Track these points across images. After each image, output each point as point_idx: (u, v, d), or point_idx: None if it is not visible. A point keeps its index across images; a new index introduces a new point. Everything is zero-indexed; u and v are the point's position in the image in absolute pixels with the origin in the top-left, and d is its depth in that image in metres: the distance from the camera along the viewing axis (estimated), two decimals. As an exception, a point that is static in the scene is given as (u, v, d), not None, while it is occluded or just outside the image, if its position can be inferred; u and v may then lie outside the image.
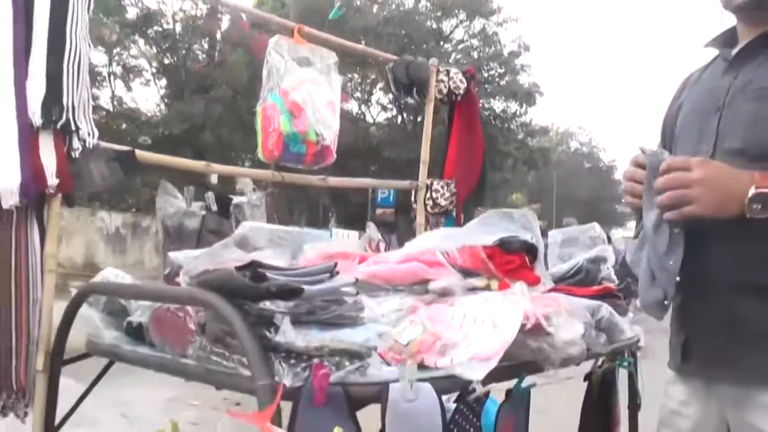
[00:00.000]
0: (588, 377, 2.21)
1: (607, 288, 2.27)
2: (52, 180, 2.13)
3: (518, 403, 1.72)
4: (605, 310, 2.00)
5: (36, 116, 2.11)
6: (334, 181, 3.22)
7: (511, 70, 21.98)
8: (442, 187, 3.68)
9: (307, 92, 2.93)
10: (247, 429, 1.40)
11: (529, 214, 2.11)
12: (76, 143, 2.21)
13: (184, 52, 19.04)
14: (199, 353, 1.53)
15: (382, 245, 3.06)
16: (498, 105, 22.84)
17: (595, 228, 2.68)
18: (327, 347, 1.34)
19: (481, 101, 22.72)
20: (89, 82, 2.30)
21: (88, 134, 2.27)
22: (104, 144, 2.34)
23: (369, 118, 24.88)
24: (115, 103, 17.85)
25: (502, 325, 1.55)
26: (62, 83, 2.17)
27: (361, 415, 1.33)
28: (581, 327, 1.73)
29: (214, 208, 2.83)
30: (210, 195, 2.86)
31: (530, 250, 2.06)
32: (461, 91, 3.69)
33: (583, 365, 2.08)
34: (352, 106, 23.05)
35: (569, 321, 1.73)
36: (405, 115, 22.43)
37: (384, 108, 24.71)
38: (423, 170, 3.67)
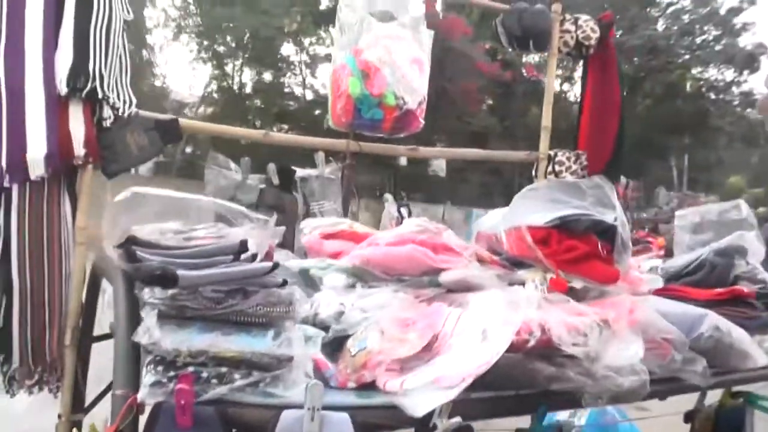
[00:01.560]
0: (689, 418, 1.57)
1: (736, 291, 1.61)
2: (79, 150, 2.03)
3: (541, 447, 1.21)
4: (709, 323, 1.38)
5: (62, 85, 2.02)
6: (426, 151, 2.80)
7: (729, 31, 19.10)
8: (568, 159, 3.06)
9: (385, 50, 2.55)
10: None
11: (605, 184, 1.54)
12: (107, 112, 2.09)
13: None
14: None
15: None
16: (711, 73, 20.08)
17: (741, 207, 1.97)
18: (207, 353, 0.99)
19: (694, 71, 20.22)
20: (125, 48, 2.17)
21: (125, 102, 2.14)
22: (144, 113, 2.21)
23: (572, 97, 23.31)
24: (306, 90, 18.76)
25: (492, 338, 1.07)
26: (89, 50, 2.06)
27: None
28: (639, 348, 1.17)
29: (276, 181, 2.58)
30: (271, 166, 2.63)
31: (606, 233, 1.50)
32: (593, 42, 3.04)
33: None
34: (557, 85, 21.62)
35: (624, 339, 1.18)
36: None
37: (590, 85, 22.86)
38: (544, 138, 3.08)
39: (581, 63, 3.40)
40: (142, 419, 0.99)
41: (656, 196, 13.50)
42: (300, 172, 2.65)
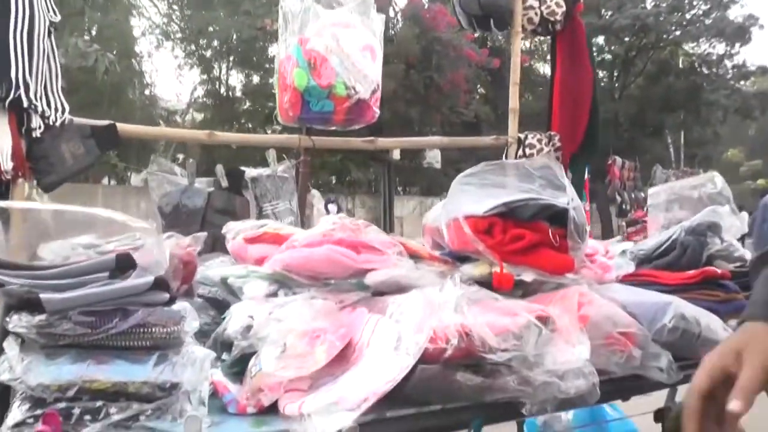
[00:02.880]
0: (659, 416, 1.44)
1: (708, 272, 1.47)
2: (6, 164, 1.90)
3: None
4: (674, 312, 1.24)
5: (-19, 95, 1.88)
6: (385, 142, 2.67)
7: (717, 4, 18.86)
8: (539, 141, 2.93)
9: (332, 38, 2.41)
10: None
11: (554, 164, 1.41)
12: (36, 121, 1.97)
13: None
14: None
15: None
16: (702, 48, 19.85)
17: (715, 181, 1.84)
18: (77, 386, 0.87)
19: (685, 46, 19.96)
20: (54, 52, 2.04)
21: (56, 110, 2.02)
22: (78, 120, 2.08)
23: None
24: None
25: (404, 348, 0.94)
26: (9, 57, 1.92)
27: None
28: (585, 349, 1.04)
29: (224, 183, 2.45)
30: (219, 168, 2.49)
31: (558, 218, 1.37)
32: (558, 18, 2.90)
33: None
34: (545, 69, 21.33)
35: (570, 338, 1.05)
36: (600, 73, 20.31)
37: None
38: (512, 120, 2.96)
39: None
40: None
41: (653, 175, 13.32)
42: (250, 172, 2.51)
